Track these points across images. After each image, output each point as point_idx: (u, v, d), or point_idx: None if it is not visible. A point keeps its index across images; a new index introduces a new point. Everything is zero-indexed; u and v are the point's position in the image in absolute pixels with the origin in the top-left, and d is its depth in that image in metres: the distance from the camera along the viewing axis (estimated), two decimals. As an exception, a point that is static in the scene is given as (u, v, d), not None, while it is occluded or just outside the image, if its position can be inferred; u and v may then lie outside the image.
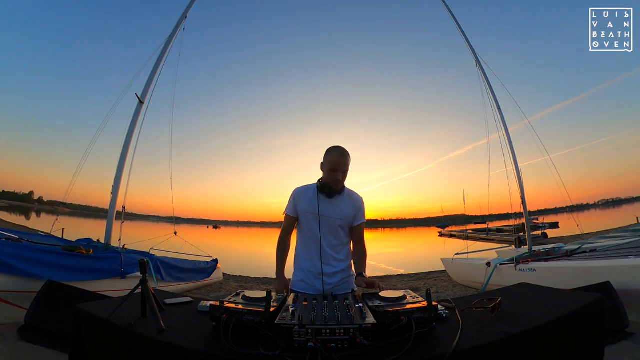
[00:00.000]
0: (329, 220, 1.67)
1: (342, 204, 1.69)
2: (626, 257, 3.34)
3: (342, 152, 1.63)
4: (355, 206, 1.71)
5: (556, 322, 1.17)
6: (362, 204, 1.75)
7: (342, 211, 1.68)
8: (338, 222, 1.68)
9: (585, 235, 5.93)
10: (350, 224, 1.72)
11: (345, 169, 1.62)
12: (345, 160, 1.62)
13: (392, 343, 0.96)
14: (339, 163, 1.61)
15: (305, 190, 1.72)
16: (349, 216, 1.70)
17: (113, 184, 4.48)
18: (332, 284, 1.66)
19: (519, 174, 5.31)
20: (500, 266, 4.58)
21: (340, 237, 1.70)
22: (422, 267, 9.59)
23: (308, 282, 1.68)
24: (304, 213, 1.69)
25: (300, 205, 1.70)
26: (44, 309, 2.62)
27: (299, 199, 1.71)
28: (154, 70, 5.11)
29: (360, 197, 1.76)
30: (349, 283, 1.72)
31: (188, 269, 5.62)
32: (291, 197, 1.74)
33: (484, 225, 24.55)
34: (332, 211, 1.67)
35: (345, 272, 1.72)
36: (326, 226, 1.67)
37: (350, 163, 1.65)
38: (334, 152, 1.63)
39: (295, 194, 1.73)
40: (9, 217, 30.06)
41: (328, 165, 1.63)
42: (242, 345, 0.94)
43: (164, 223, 46.53)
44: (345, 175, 1.65)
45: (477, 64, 5.97)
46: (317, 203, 1.65)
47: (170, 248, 5.88)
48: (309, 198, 1.68)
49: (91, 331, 1.27)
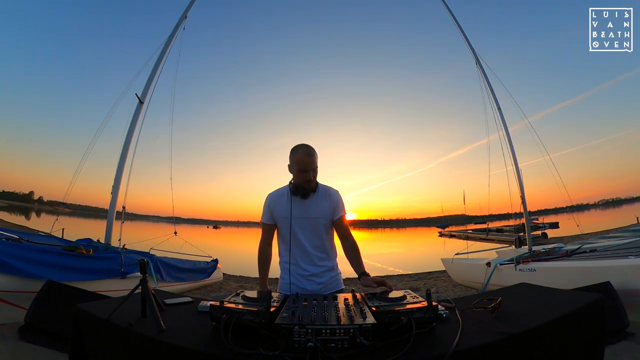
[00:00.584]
0: (309, 221, 1.65)
1: (318, 202, 1.66)
2: (626, 257, 3.34)
3: (308, 151, 1.59)
4: (332, 201, 1.68)
5: (556, 322, 1.17)
6: (339, 197, 1.72)
7: (320, 209, 1.66)
8: (318, 220, 1.65)
9: (585, 235, 5.93)
10: (330, 219, 1.68)
11: (313, 167, 1.59)
12: (312, 159, 1.58)
13: (392, 343, 0.96)
14: (306, 162, 1.57)
15: (278, 194, 1.70)
16: (328, 212, 1.67)
17: (113, 184, 4.48)
18: (322, 283, 1.66)
19: (519, 174, 5.31)
20: (500, 266, 4.58)
21: (322, 236, 1.68)
22: (422, 267, 9.60)
23: (297, 284, 1.66)
24: (282, 218, 1.66)
25: (276, 212, 1.68)
26: (44, 309, 2.62)
27: (274, 205, 1.69)
28: (154, 70, 5.12)
29: (336, 191, 1.72)
30: (338, 281, 1.72)
31: (188, 269, 5.62)
32: (265, 204, 1.72)
33: (484, 225, 24.57)
34: (310, 211, 1.65)
35: (334, 270, 1.72)
36: (307, 227, 1.65)
37: (316, 160, 1.61)
38: (299, 152, 1.59)
39: (269, 200, 1.71)
40: (9, 217, 30.06)
41: (296, 167, 1.60)
42: (242, 345, 0.94)
43: (164, 223, 46.53)
44: (315, 173, 1.61)
45: (477, 64, 5.98)
46: (291, 207, 1.63)
47: (170, 248, 5.88)
48: (284, 202, 1.66)
49: (91, 331, 1.27)
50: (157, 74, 5.11)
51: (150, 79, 5.05)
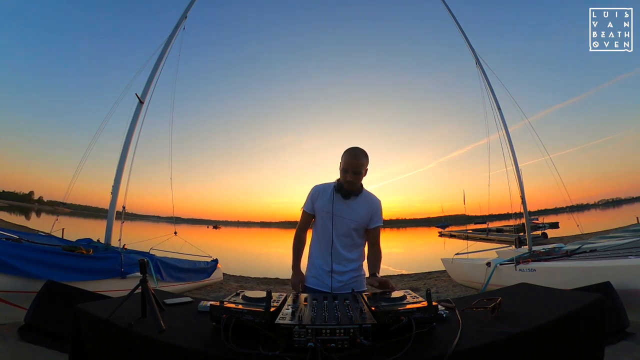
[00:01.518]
0: (343, 221, 1.68)
1: (358, 205, 1.69)
2: (626, 257, 3.34)
3: (354, 154, 1.62)
4: (371, 209, 1.70)
5: (556, 322, 1.17)
6: (379, 206, 1.73)
7: (357, 213, 1.68)
8: (352, 224, 1.68)
9: (585, 235, 5.93)
10: (365, 226, 1.71)
11: (356, 170, 1.60)
12: (356, 162, 1.60)
13: (392, 343, 0.96)
14: (349, 164, 1.60)
15: (323, 188, 1.74)
16: (364, 218, 1.69)
17: (113, 184, 4.48)
18: (342, 281, 1.69)
19: (519, 174, 5.31)
20: (500, 266, 4.58)
21: (353, 238, 1.71)
22: (422, 267, 9.60)
23: (319, 279, 1.71)
24: (320, 211, 1.71)
25: (317, 204, 1.73)
26: (44, 309, 2.62)
27: (316, 197, 1.74)
28: (154, 70, 5.11)
29: (378, 200, 1.74)
30: (359, 282, 1.73)
31: (188, 269, 5.62)
32: (309, 194, 1.77)
33: (484, 225, 24.58)
34: (346, 212, 1.68)
35: (356, 271, 1.74)
36: (340, 226, 1.68)
37: (366, 164, 1.63)
38: (347, 153, 1.63)
39: (314, 191, 1.76)
40: (9, 217, 30.06)
41: (341, 166, 1.64)
42: (242, 345, 0.94)
43: (164, 223, 46.54)
44: (359, 177, 1.63)
45: (477, 64, 5.98)
46: (332, 203, 1.67)
47: (170, 248, 5.88)
48: (327, 197, 1.70)
49: (91, 331, 1.27)
50: (157, 74, 5.11)
51: (150, 79, 5.05)
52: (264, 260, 15.31)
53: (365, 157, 1.63)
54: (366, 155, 1.64)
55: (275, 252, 20.24)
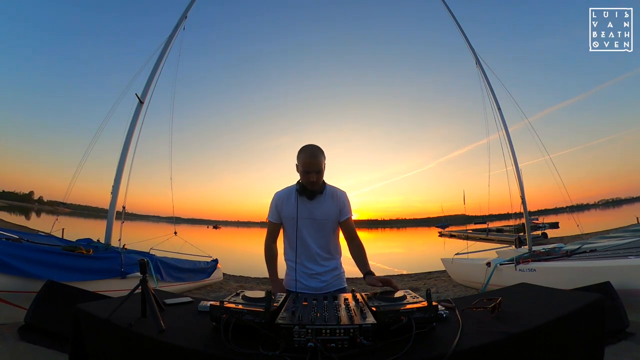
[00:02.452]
0: (315, 222, 1.66)
1: (324, 203, 1.67)
2: (626, 257, 3.34)
3: (313, 153, 1.58)
4: (338, 202, 1.68)
5: (556, 322, 1.17)
6: (346, 198, 1.71)
7: (326, 210, 1.67)
8: (323, 222, 1.67)
9: (585, 235, 5.93)
10: (336, 221, 1.70)
11: (317, 169, 1.57)
12: (316, 161, 1.57)
13: (392, 343, 0.96)
14: (310, 164, 1.56)
15: (286, 194, 1.70)
16: (334, 214, 1.68)
17: (113, 184, 4.48)
18: (325, 281, 1.69)
19: (519, 174, 5.31)
20: (500, 266, 4.58)
21: (327, 237, 1.70)
22: (422, 267, 9.60)
23: (302, 282, 1.69)
24: (289, 218, 1.68)
25: (283, 212, 1.69)
26: (44, 309, 2.62)
27: (281, 205, 1.70)
28: (154, 70, 5.12)
29: (343, 192, 1.72)
30: (341, 279, 1.76)
31: (188, 269, 5.62)
32: (272, 203, 1.72)
33: (484, 225, 24.58)
34: (315, 212, 1.66)
35: (337, 269, 1.75)
36: (312, 228, 1.67)
37: (324, 161, 1.60)
38: (304, 153, 1.59)
39: (276, 199, 1.71)
40: (9, 217, 30.06)
41: (300, 168, 1.60)
42: (242, 345, 0.94)
43: (164, 223, 46.54)
44: (321, 175, 1.60)
45: (477, 64, 5.98)
46: (297, 207, 1.64)
47: (170, 248, 5.88)
48: (291, 202, 1.67)
49: (91, 331, 1.27)
50: (157, 74, 5.12)
51: (150, 79, 5.05)
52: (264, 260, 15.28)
53: (323, 154, 1.60)
54: (322, 152, 1.61)
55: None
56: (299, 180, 1.66)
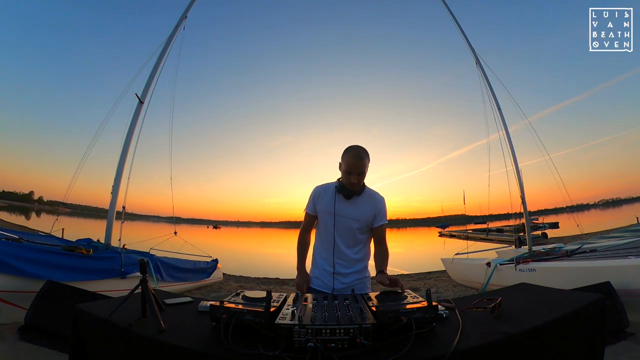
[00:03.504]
0: (347, 221, 1.65)
1: (361, 205, 1.66)
2: (626, 257, 3.33)
3: (357, 154, 1.58)
4: (375, 207, 1.67)
5: (556, 322, 1.17)
6: (383, 204, 1.70)
7: (361, 212, 1.65)
8: (355, 223, 1.65)
9: (585, 235, 5.93)
10: (369, 224, 1.68)
11: (360, 171, 1.57)
12: (360, 163, 1.56)
13: (392, 343, 0.96)
14: (353, 165, 1.56)
15: (324, 189, 1.71)
16: (368, 217, 1.66)
17: (113, 184, 4.48)
18: (346, 283, 1.65)
19: (519, 174, 5.31)
20: (500, 266, 4.58)
21: (357, 238, 1.68)
22: (422, 267, 9.59)
23: (322, 280, 1.69)
24: (322, 212, 1.69)
25: (319, 205, 1.70)
26: (44, 309, 2.62)
27: (318, 198, 1.71)
28: (154, 70, 5.12)
29: (381, 198, 1.71)
30: (364, 284, 1.70)
31: (188, 269, 5.62)
32: (311, 196, 1.74)
33: (484, 225, 24.57)
34: (350, 212, 1.65)
35: (361, 272, 1.71)
36: (343, 227, 1.65)
37: (368, 163, 1.60)
38: (349, 153, 1.59)
39: (315, 192, 1.73)
40: (9, 217, 30.06)
41: (343, 167, 1.60)
42: (242, 345, 0.94)
43: (164, 223, 46.53)
44: (362, 177, 1.59)
45: (477, 64, 5.98)
46: (334, 204, 1.64)
47: (170, 248, 5.88)
48: (328, 198, 1.67)
49: (91, 331, 1.27)
50: (157, 74, 5.12)
51: (150, 79, 5.05)
52: (264, 260, 15.31)
53: (368, 156, 1.60)
54: (368, 154, 1.61)
55: (275, 252, 20.23)
56: (339, 178, 1.66)
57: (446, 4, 6.41)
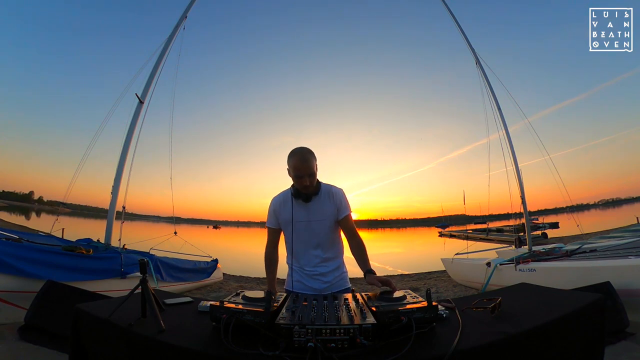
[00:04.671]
0: (313, 224, 1.64)
1: (321, 203, 1.65)
2: (626, 257, 3.34)
3: (302, 157, 1.55)
4: (335, 201, 1.65)
5: (556, 322, 1.17)
6: (343, 195, 1.68)
7: (323, 211, 1.64)
8: (321, 223, 1.65)
9: (585, 235, 5.93)
10: (335, 220, 1.67)
11: (309, 172, 1.55)
12: (306, 165, 1.54)
13: (392, 343, 0.96)
14: (300, 169, 1.54)
15: (282, 198, 1.69)
16: (331, 214, 1.65)
17: (113, 184, 4.48)
18: (328, 282, 1.67)
19: (519, 174, 5.31)
20: (500, 266, 4.58)
21: (327, 237, 1.67)
22: (422, 267, 9.59)
23: (304, 283, 1.69)
24: (287, 222, 1.67)
25: (281, 217, 1.68)
26: (44, 309, 2.62)
27: (279, 210, 1.69)
28: (154, 70, 5.12)
29: (339, 189, 1.69)
30: (344, 279, 1.73)
31: (188, 269, 5.62)
32: (270, 209, 1.71)
33: (484, 225, 24.56)
34: (313, 214, 1.64)
35: (339, 269, 1.73)
36: (311, 230, 1.65)
37: (315, 162, 1.58)
38: (294, 157, 1.56)
39: (274, 204, 1.70)
40: (9, 217, 30.05)
41: (292, 172, 1.58)
42: (242, 345, 0.94)
43: (164, 223, 46.51)
44: (313, 178, 1.57)
45: (477, 63, 5.98)
46: (292, 211, 1.64)
47: (170, 248, 5.88)
48: (288, 206, 1.65)
49: (91, 331, 1.27)
50: (157, 73, 5.12)
51: (150, 78, 5.05)
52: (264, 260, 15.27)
53: (313, 156, 1.58)
54: (312, 153, 1.58)
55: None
56: (294, 184, 1.64)
57: (446, 4, 6.42)
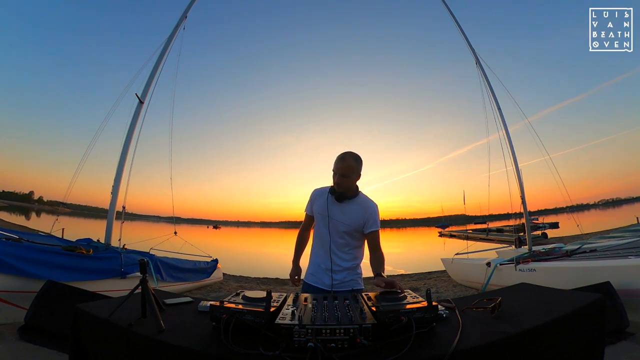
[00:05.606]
0: (337, 223, 1.73)
1: (350, 209, 1.72)
2: (626, 257, 3.33)
3: (342, 156, 1.67)
4: (365, 213, 1.71)
5: (556, 322, 1.17)
6: (375, 211, 1.73)
7: (350, 217, 1.71)
8: (343, 227, 1.72)
9: (585, 235, 5.93)
10: (359, 229, 1.73)
11: (343, 173, 1.64)
12: (342, 164, 1.64)
13: (392, 343, 0.96)
14: (337, 167, 1.66)
15: (321, 192, 1.82)
16: (357, 223, 1.71)
17: (113, 184, 4.48)
18: (338, 280, 1.73)
19: (519, 174, 5.31)
20: (500, 266, 4.58)
21: (347, 240, 1.74)
22: (422, 267, 9.60)
23: (317, 276, 1.78)
24: (317, 213, 1.80)
25: (315, 206, 1.82)
26: (44, 309, 2.62)
27: (314, 200, 1.83)
28: (154, 70, 5.11)
29: (374, 204, 1.75)
30: (355, 281, 1.77)
31: (188, 269, 5.62)
32: (310, 198, 1.88)
33: (484, 225, 24.56)
34: (339, 215, 1.72)
35: (352, 270, 1.78)
36: (336, 228, 1.73)
37: (355, 167, 1.66)
38: (338, 156, 1.68)
39: (313, 195, 1.86)
40: (9, 217, 30.04)
41: (333, 169, 1.69)
42: (242, 345, 0.94)
43: (164, 223, 46.50)
44: (347, 180, 1.65)
45: (477, 63, 5.97)
46: (327, 205, 1.74)
47: (170, 248, 5.88)
48: (323, 200, 1.77)
49: (91, 331, 1.27)
50: (157, 74, 5.11)
51: (150, 79, 5.05)
52: (264, 260, 15.31)
53: (354, 160, 1.66)
54: (356, 159, 1.67)
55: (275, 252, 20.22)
56: None
57: (446, 4, 6.41)
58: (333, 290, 1.69)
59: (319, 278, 1.76)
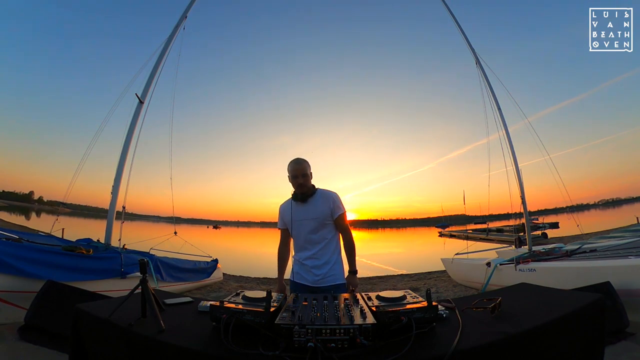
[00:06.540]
0: (309, 222, 1.88)
1: (317, 204, 1.88)
2: (626, 257, 3.33)
3: (297, 160, 1.89)
4: (329, 202, 1.89)
5: (556, 322, 1.17)
6: (337, 197, 1.92)
7: (319, 210, 1.87)
8: (315, 221, 1.87)
9: (585, 235, 5.93)
10: (329, 218, 1.89)
11: (302, 173, 1.85)
12: (299, 166, 1.86)
13: (392, 343, 0.96)
14: (294, 170, 1.86)
15: (285, 204, 2.00)
16: (326, 212, 1.88)
17: (113, 184, 4.48)
18: (320, 274, 1.85)
19: (519, 174, 5.31)
20: (500, 266, 4.58)
21: (322, 233, 1.89)
22: (422, 267, 9.59)
23: (301, 274, 1.90)
24: (289, 222, 1.94)
25: (285, 218, 1.97)
26: (44, 309, 2.62)
27: (283, 213, 2.00)
28: (154, 70, 5.11)
29: (334, 193, 1.93)
30: (336, 274, 1.88)
31: (188, 269, 5.62)
32: (279, 213, 2.04)
33: (484, 225, 24.55)
34: (309, 213, 1.88)
35: (331, 264, 1.89)
36: (308, 227, 1.88)
37: (308, 167, 1.88)
38: (291, 163, 1.90)
39: (280, 209, 2.03)
40: (9, 217, 30.03)
41: (290, 175, 1.89)
42: (242, 345, 0.94)
43: (164, 223, 46.49)
44: (307, 178, 1.86)
45: (477, 64, 5.97)
46: (291, 211, 1.90)
47: (170, 248, 5.88)
48: (289, 209, 1.93)
49: (91, 331, 1.27)
50: (157, 74, 5.11)
51: (150, 79, 5.05)
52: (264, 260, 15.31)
53: (306, 162, 1.90)
54: (306, 161, 1.91)
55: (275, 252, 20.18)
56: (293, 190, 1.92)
57: (446, 4, 6.42)
58: (316, 285, 1.82)
59: (302, 276, 1.89)
